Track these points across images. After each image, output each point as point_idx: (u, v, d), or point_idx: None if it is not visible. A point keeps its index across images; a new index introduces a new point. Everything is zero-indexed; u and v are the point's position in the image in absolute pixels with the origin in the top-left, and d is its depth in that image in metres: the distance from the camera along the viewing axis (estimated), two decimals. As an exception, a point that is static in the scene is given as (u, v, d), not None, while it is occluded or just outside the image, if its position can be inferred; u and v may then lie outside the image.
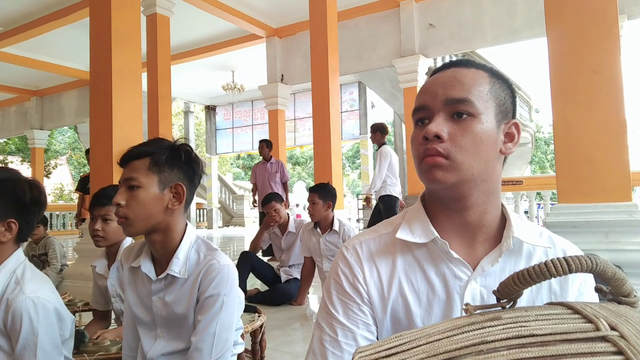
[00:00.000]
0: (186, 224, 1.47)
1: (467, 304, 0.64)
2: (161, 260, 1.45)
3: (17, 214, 1.43)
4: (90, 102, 4.76)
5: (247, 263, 4.00)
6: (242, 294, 1.52)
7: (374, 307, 0.88)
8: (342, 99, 13.91)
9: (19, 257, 1.49)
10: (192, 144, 16.51)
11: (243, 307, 1.65)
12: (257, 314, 2.29)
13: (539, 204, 11.04)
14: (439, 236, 0.85)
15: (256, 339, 2.22)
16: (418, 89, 7.42)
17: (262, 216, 6.56)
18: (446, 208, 0.87)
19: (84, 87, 12.48)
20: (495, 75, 0.87)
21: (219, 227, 17.42)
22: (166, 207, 1.40)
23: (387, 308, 0.87)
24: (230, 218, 18.14)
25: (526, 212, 9.61)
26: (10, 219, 1.41)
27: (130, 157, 1.41)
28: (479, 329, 0.58)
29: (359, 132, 14.29)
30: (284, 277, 4.04)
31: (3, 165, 21.28)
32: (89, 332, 2.10)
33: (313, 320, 3.51)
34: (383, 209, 6.04)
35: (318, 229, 3.71)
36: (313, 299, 4.11)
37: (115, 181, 4.53)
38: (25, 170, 20.24)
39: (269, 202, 4.07)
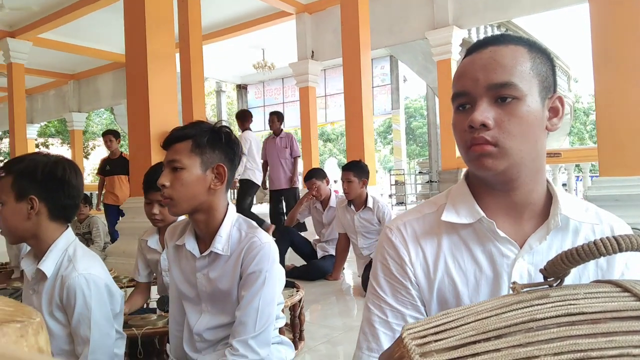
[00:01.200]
0: (227, 204, 1.51)
1: (514, 283, 0.64)
2: (204, 238, 1.50)
3: (37, 191, 1.46)
4: (127, 85, 4.86)
5: (286, 238, 4.06)
6: (282, 270, 1.56)
7: (420, 288, 0.89)
8: (373, 74, 13.72)
9: (68, 237, 1.56)
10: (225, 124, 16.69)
11: (284, 282, 1.69)
12: (295, 289, 2.34)
13: (577, 177, 10.75)
14: (485, 216, 0.85)
15: (295, 313, 2.28)
16: (452, 62, 7.29)
17: (272, 196, 6.59)
18: (492, 189, 0.87)
19: (119, 69, 12.71)
20: (535, 49, 0.84)
21: (253, 204, 17.66)
22: (209, 188, 1.44)
23: (434, 288, 0.88)
24: (264, 195, 18.35)
25: (564, 185, 9.38)
26: (31, 195, 1.45)
27: (173, 140, 1.44)
28: (528, 306, 0.59)
29: (391, 107, 14.12)
30: (320, 253, 4.10)
31: (45, 146, 22.09)
32: (129, 305, 2.20)
33: (349, 295, 3.57)
34: (239, 192, 6.04)
35: (352, 206, 3.72)
36: (348, 274, 4.16)
37: (154, 163, 4.65)
38: (65, 152, 20.91)
39: (310, 179, 4.11)
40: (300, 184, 7.53)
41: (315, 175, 4.16)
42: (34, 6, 9.12)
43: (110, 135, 5.91)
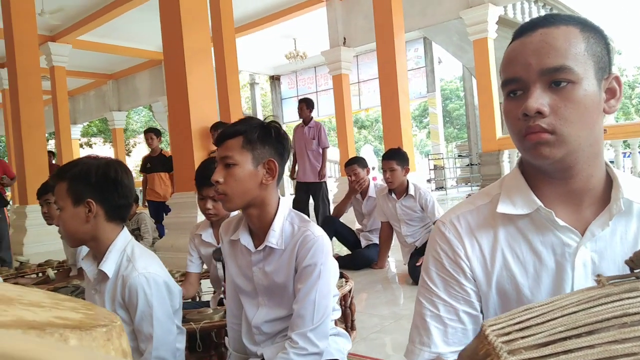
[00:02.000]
0: (279, 198, 1.52)
1: (599, 275, 0.62)
2: (258, 233, 1.52)
3: (92, 193, 1.50)
4: (166, 83, 4.95)
5: (331, 228, 4.07)
6: (336, 263, 1.57)
7: (478, 282, 0.87)
8: (407, 57, 13.53)
9: (125, 237, 1.61)
10: (260, 115, 16.80)
11: (338, 274, 1.69)
12: (344, 280, 2.35)
13: (624, 153, 10.34)
14: (542, 205, 0.82)
15: (346, 303, 2.28)
16: (489, 41, 7.09)
17: (297, 187, 6.08)
18: (549, 177, 0.84)
19: (155, 67, 12.97)
20: (587, 28, 0.80)
21: (291, 194, 17.80)
22: (260, 183, 1.45)
23: (492, 281, 0.86)
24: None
25: (612, 162, 9.03)
26: (88, 198, 1.49)
27: (224, 137, 1.46)
28: (617, 300, 0.56)
29: (426, 90, 13.89)
30: (363, 243, 4.09)
31: (88, 146, 22.88)
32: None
33: (395, 283, 3.55)
34: None
35: (393, 195, 3.68)
36: (392, 262, 4.14)
37: (198, 161, 4.73)
38: (108, 150, 21.58)
39: (350, 165, 4.08)
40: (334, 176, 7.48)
41: (357, 162, 4.12)
42: (72, 9, 9.38)
43: (151, 133, 6.03)
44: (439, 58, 14.31)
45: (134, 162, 22.53)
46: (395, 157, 3.58)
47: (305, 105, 6.24)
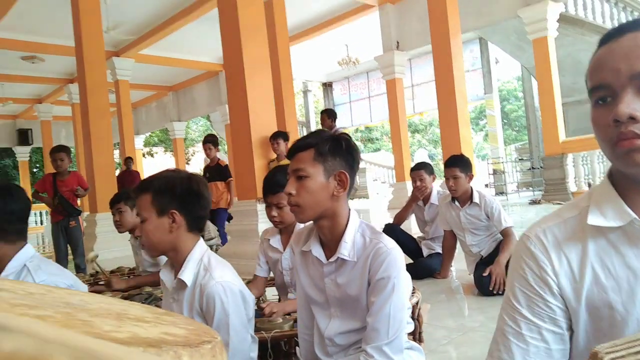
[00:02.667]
0: (349, 210, 1.52)
1: None
2: (330, 244, 1.52)
3: (177, 205, 1.57)
4: (228, 93, 5.08)
5: (391, 236, 4.02)
6: (408, 275, 1.55)
7: (566, 298, 0.84)
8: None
9: (202, 246, 1.67)
10: (312, 122, 16.95)
11: (411, 287, 1.67)
12: (412, 291, 2.31)
13: None
14: (637, 217, 0.78)
15: (414, 315, 2.24)
16: (549, 39, 6.83)
17: None
18: None
19: (212, 78, 13.37)
20: None
21: (345, 200, 17.80)
22: (332, 194, 1.45)
23: (582, 297, 0.83)
24: (355, 191, 18.44)
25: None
26: (172, 209, 1.56)
27: (296, 150, 1.48)
28: None
29: (483, 91, 13.54)
30: (425, 252, 4.01)
31: (150, 155, 23.89)
32: None
33: (459, 294, 3.46)
34: None
35: (456, 202, 3.58)
36: (456, 272, 4.04)
37: (258, 170, 4.82)
38: (169, 159, 22.40)
39: (417, 170, 4.02)
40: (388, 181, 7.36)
41: (424, 167, 4.03)
42: (134, 25, 9.84)
43: (209, 143, 6.20)
44: (496, 58, 13.92)
45: (193, 171, 23.29)
46: (458, 164, 3.49)
47: (327, 115, 6.25)
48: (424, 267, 3.87)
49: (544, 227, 0.88)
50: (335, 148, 1.46)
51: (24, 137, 16.48)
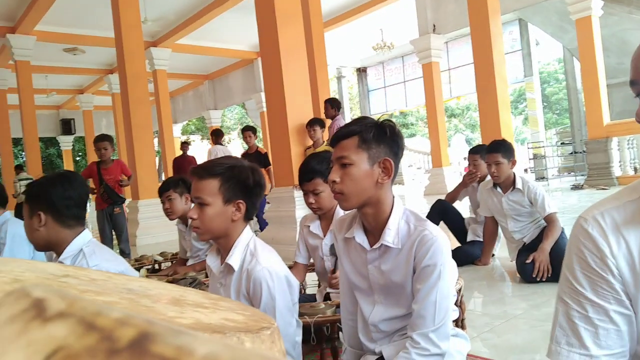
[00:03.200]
0: (393, 197, 1.51)
1: None
2: (373, 231, 1.52)
3: (244, 196, 1.61)
4: (264, 81, 5.10)
5: (438, 211, 3.97)
6: (454, 262, 1.53)
7: (625, 282, 0.82)
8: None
9: (248, 233, 1.70)
10: (346, 108, 16.87)
11: (457, 274, 1.65)
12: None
13: None
14: None
15: (457, 302, 2.22)
16: (593, 18, 6.56)
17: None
18: None
19: (247, 66, 13.46)
20: None
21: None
22: (376, 182, 1.45)
23: None
24: (391, 177, 18.31)
25: None
26: (239, 200, 1.60)
27: (340, 137, 1.47)
28: None
29: (523, 74, 13.13)
30: (470, 237, 3.94)
31: (187, 142, 24.31)
32: None
33: (501, 281, 3.41)
34: None
35: (498, 189, 3.50)
36: (497, 259, 3.97)
37: (295, 156, 4.85)
38: (205, 147, 22.72)
39: (474, 154, 3.90)
40: (424, 167, 7.28)
41: (480, 151, 3.88)
42: (171, 15, 9.98)
43: (249, 131, 6.25)
44: (536, 40, 13.46)
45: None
46: (500, 150, 3.40)
47: (330, 105, 6.11)
48: (464, 254, 3.81)
49: (602, 210, 0.86)
50: (379, 135, 1.45)
51: (67, 126, 17.05)
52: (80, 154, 23.45)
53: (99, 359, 0.21)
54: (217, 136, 7.65)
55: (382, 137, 1.45)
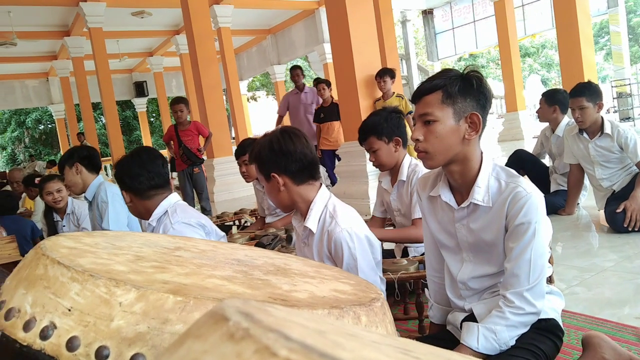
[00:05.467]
0: (482, 153, 1.45)
1: None
2: (460, 189, 1.48)
3: (277, 168, 1.66)
4: (330, 32, 4.98)
5: (516, 162, 3.80)
6: (548, 219, 1.47)
7: None
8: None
9: (323, 195, 1.72)
10: (412, 54, 16.27)
11: (551, 231, 1.59)
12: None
13: None
14: None
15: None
16: None
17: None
18: None
19: (309, 17, 13.21)
20: None
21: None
22: (463, 138, 1.39)
23: None
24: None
25: None
26: (272, 173, 1.69)
27: (422, 93, 1.42)
28: None
29: (606, 5, 11.99)
30: (553, 187, 3.77)
31: (253, 100, 24.63)
32: None
33: (588, 231, 3.25)
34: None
35: (584, 134, 3.28)
36: (583, 208, 3.77)
37: (364, 109, 4.77)
38: (272, 103, 22.96)
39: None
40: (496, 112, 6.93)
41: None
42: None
43: (323, 84, 6.17)
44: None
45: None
46: (585, 93, 3.16)
47: (301, 70, 6.53)
48: (547, 204, 3.64)
49: None
50: (465, 88, 1.38)
51: (140, 89, 17.74)
52: (154, 115, 24.45)
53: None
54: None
55: (468, 89, 1.38)
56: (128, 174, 1.95)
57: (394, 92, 5.06)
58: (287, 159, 1.63)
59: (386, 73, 4.82)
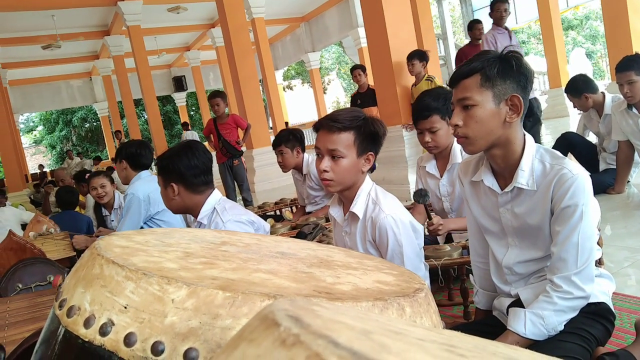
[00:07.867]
0: (524, 135, 1.42)
1: None
2: (503, 173, 1.45)
3: (374, 147, 1.65)
4: (363, 16, 4.91)
5: (564, 146, 3.67)
6: (596, 201, 1.42)
7: None
8: None
9: (369, 182, 1.73)
10: (450, 33, 15.89)
11: (599, 213, 1.54)
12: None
13: None
14: None
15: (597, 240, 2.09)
16: None
17: None
18: None
19: (342, 2, 13.10)
20: None
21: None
22: (504, 121, 1.36)
23: None
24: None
25: None
26: (370, 152, 1.65)
27: (459, 77, 1.39)
28: None
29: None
30: (602, 166, 3.63)
31: (289, 89, 24.74)
32: None
33: (638, 210, 3.12)
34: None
35: (634, 110, 3.14)
36: (633, 186, 3.61)
37: (401, 94, 4.71)
38: (307, 91, 23.00)
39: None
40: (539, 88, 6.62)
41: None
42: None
43: (359, 69, 6.13)
44: None
45: (330, 100, 23.67)
46: (633, 67, 3.01)
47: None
48: (596, 183, 3.51)
49: None
50: (504, 70, 1.35)
51: (179, 83, 18.12)
52: (193, 108, 24.94)
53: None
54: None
55: (508, 71, 1.34)
56: (183, 164, 1.90)
57: (424, 75, 4.87)
58: (381, 142, 1.71)
59: (414, 56, 4.66)
